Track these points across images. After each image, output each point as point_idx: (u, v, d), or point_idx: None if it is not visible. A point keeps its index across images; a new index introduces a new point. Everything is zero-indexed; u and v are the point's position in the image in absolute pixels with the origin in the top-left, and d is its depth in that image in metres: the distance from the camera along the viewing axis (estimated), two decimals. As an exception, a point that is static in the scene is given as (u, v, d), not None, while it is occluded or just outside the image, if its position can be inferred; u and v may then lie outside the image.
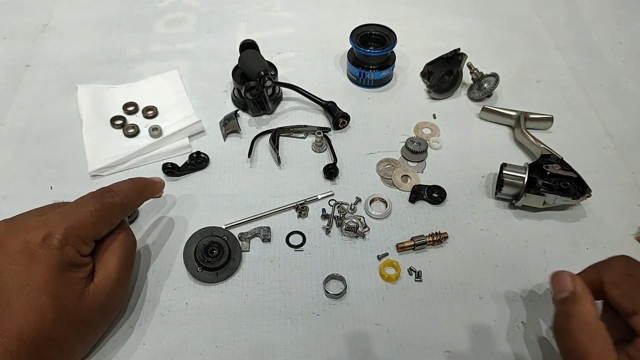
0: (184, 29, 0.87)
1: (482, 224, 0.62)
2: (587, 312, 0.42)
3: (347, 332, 0.53)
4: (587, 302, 0.43)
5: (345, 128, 0.72)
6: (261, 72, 0.68)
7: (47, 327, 0.44)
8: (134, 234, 0.54)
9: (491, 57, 0.82)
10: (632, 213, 0.63)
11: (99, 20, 0.88)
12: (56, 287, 0.44)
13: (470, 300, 0.55)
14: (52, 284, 0.44)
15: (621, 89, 0.78)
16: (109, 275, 0.49)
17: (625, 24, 0.89)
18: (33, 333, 0.43)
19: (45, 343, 0.44)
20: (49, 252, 0.45)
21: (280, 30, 0.87)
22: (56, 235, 0.45)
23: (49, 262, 0.44)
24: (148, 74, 0.79)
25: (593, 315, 0.42)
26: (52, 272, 0.44)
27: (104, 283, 0.48)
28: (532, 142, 0.67)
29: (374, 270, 0.57)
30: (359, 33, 0.76)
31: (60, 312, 0.44)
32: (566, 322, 0.43)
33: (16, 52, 0.82)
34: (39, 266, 0.44)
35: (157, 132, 0.67)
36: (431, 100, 0.76)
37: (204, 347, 0.52)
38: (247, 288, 0.56)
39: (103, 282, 0.48)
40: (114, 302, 0.50)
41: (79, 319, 0.46)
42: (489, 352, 0.52)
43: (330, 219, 0.61)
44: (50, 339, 0.44)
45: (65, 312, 0.45)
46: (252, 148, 0.69)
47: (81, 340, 0.48)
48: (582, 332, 0.41)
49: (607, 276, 0.44)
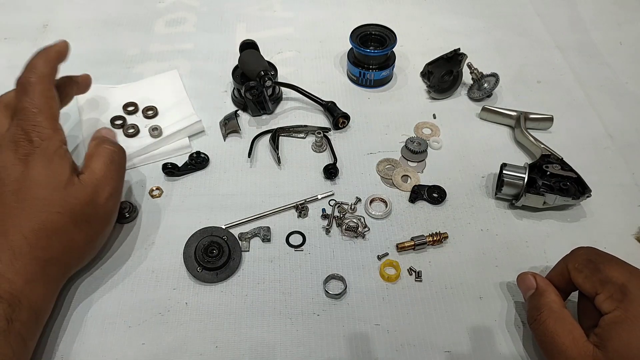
0: (184, 29, 0.87)
1: (482, 224, 0.62)
2: (551, 302, 0.48)
3: (347, 332, 0.53)
4: (551, 293, 0.49)
5: (345, 128, 0.72)
6: (261, 72, 0.68)
7: (41, 216, 0.48)
8: (121, 147, 0.58)
9: (491, 57, 0.82)
10: (632, 213, 0.63)
11: (99, 20, 0.88)
12: (46, 178, 0.49)
13: (470, 300, 0.55)
14: (43, 176, 0.49)
15: (621, 90, 0.78)
16: (94, 173, 0.53)
17: (625, 24, 0.89)
18: (30, 224, 0.47)
19: (42, 233, 0.47)
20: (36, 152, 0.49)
21: (280, 30, 0.87)
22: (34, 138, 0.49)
23: (38, 158, 0.49)
24: (148, 74, 0.79)
25: (557, 304, 0.48)
26: (42, 165, 0.49)
27: (89, 178, 0.52)
28: (532, 142, 0.67)
29: (374, 270, 0.57)
30: (359, 33, 0.76)
31: (50, 200, 0.48)
32: (536, 314, 0.48)
33: (16, 52, 0.82)
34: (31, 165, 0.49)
35: (157, 132, 0.67)
36: (431, 100, 0.76)
37: (203, 347, 0.52)
38: (247, 288, 0.56)
39: (88, 177, 0.52)
40: (102, 199, 0.53)
41: (69, 207, 0.49)
42: (489, 352, 0.52)
43: (330, 219, 0.61)
44: (46, 228, 0.48)
45: (55, 200, 0.49)
46: (252, 148, 0.69)
47: (80, 233, 0.51)
48: (550, 319, 0.47)
49: (571, 264, 0.49)
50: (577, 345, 0.44)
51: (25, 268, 0.46)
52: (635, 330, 0.42)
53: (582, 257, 0.48)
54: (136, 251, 0.59)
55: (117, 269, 0.57)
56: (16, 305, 0.44)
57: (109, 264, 0.57)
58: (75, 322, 0.53)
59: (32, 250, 0.47)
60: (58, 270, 0.50)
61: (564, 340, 0.45)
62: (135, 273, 0.57)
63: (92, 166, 0.54)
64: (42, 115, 0.51)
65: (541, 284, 0.51)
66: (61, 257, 0.50)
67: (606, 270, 0.45)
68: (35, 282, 0.47)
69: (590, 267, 0.47)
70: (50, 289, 0.49)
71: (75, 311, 0.54)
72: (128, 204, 0.61)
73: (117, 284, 0.56)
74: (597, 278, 0.46)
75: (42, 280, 0.47)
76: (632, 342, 0.42)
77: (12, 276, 0.45)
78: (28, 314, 0.45)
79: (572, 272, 0.48)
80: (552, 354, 0.46)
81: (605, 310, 0.44)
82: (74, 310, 0.54)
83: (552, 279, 0.52)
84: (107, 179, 0.54)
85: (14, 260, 0.46)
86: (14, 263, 0.46)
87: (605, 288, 0.45)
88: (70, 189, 0.50)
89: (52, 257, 0.48)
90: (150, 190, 0.64)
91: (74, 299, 0.54)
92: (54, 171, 0.50)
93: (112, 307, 0.54)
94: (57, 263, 0.49)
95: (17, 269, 0.46)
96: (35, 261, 0.47)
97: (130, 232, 0.60)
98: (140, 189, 0.64)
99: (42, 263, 0.47)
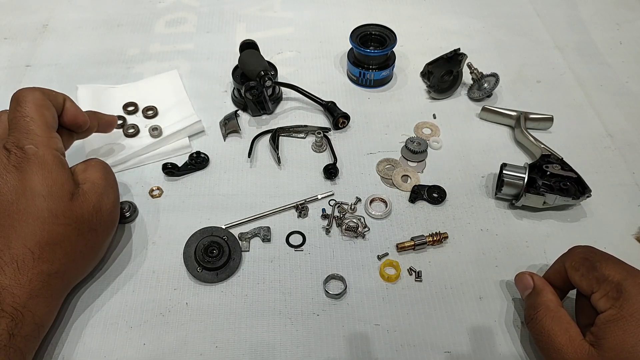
0: (184, 29, 0.87)
1: (482, 224, 0.62)
2: (548, 301, 0.49)
3: (347, 332, 0.53)
4: (548, 292, 0.50)
5: (345, 128, 0.72)
6: (261, 72, 0.68)
7: (46, 228, 0.47)
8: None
9: (491, 57, 0.82)
10: (632, 213, 0.63)
11: (99, 20, 0.88)
12: (48, 188, 0.48)
13: (470, 300, 0.55)
14: (44, 185, 0.48)
15: (621, 89, 0.78)
16: (95, 182, 0.53)
17: (625, 24, 0.89)
18: (34, 237, 0.46)
19: (48, 246, 0.47)
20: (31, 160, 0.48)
21: (280, 30, 0.87)
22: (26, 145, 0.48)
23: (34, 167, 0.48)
24: (148, 74, 0.79)
25: (554, 303, 0.49)
26: (41, 174, 0.48)
27: (91, 187, 0.52)
28: (532, 142, 0.67)
29: (374, 270, 0.57)
30: (359, 33, 0.76)
31: (55, 211, 0.48)
32: (533, 312, 0.49)
33: (16, 52, 0.82)
34: (28, 175, 0.48)
35: (157, 132, 0.67)
36: (431, 100, 0.76)
37: (204, 347, 0.52)
38: (247, 288, 0.56)
39: (90, 187, 0.52)
40: (107, 206, 0.53)
41: (75, 218, 0.49)
42: (489, 352, 0.52)
43: (330, 219, 0.61)
44: (51, 241, 0.47)
45: (60, 211, 0.48)
46: (252, 148, 0.69)
47: (85, 242, 0.51)
48: (546, 317, 0.47)
49: (568, 262, 0.49)
50: (573, 344, 0.45)
51: (29, 282, 0.46)
52: (629, 329, 0.42)
53: (578, 255, 0.49)
54: (136, 251, 0.59)
55: (118, 270, 0.57)
56: (19, 320, 0.44)
57: (109, 265, 0.57)
58: (77, 323, 0.53)
59: (37, 264, 0.46)
60: (62, 283, 0.50)
61: (560, 339, 0.45)
62: (136, 273, 0.57)
63: (91, 177, 0.53)
64: (35, 124, 0.49)
65: (538, 283, 0.51)
66: (65, 269, 0.49)
67: (602, 269, 0.46)
68: (39, 297, 0.46)
69: (587, 265, 0.47)
70: (54, 303, 0.49)
71: (77, 312, 0.54)
72: (128, 204, 0.61)
73: (118, 284, 0.56)
74: (593, 276, 0.46)
75: (46, 294, 0.47)
76: (626, 340, 0.42)
77: (17, 290, 0.45)
78: (30, 328, 0.45)
79: (569, 270, 0.49)
80: (549, 353, 0.46)
81: (601, 308, 0.45)
82: (75, 311, 0.54)
83: (549, 277, 0.52)
84: (108, 187, 0.54)
85: (19, 274, 0.45)
86: (19, 277, 0.45)
87: (601, 286, 0.45)
88: (77, 200, 0.50)
89: (57, 270, 0.48)
90: (150, 190, 0.64)
91: (75, 300, 0.54)
92: (56, 181, 0.49)
93: (113, 308, 0.54)
94: (62, 276, 0.49)
95: (22, 283, 0.45)
96: (40, 275, 0.46)
97: (131, 232, 0.60)
98: (140, 189, 0.64)
99: (46, 277, 0.47)
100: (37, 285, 0.46)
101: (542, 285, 0.51)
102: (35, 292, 0.46)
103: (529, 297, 0.51)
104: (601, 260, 0.47)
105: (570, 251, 0.51)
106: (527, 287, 0.52)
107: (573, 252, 0.50)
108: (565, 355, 0.44)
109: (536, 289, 0.51)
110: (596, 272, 0.46)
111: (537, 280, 0.52)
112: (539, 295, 0.50)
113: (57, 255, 0.48)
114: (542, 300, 0.49)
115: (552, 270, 0.52)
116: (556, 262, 0.52)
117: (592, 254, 0.48)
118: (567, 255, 0.51)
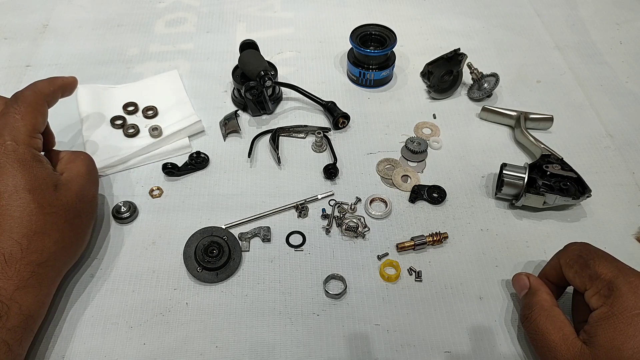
0: (184, 29, 0.87)
1: (482, 224, 0.62)
2: (543, 300, 0.49)
3: (347, 332, 0.53)
4: (543, 292, 0.50)
5: (345, 128, 0.72)
6: (261, 72, 0.68)
7: (33, 219, 0.48)
8: None
9: (491, 57, 0.82)
10: (632, 213, 0.63)
11: (99, 20, 0.88)
12: (30, 182, 0.49)
13: (470, 300, 0.55)
14: (26, 180, 0.49)
15: (621, 89, 0.78)
16: (79, 174, 0.55)
17: (625, 24, 0.89)
18: (22, 229, 0.47)
19: (36, 236, 0.48)
20: (10, 156, 0.49)
21: (280, 30, 0.87)
22: (7, 141, 0.50)
23: (14, 163, 0.49)
24: (148, 74, 0.79)
25: (548, 302, 0.49)
26: (21, 170, 0.49)
27: (75, 177, 0.54)
28: (532, 142, 0.67)
29: (374, 270, 0.57)
30: (359, 33, 0.76)
31: (41, 202, 0.49)
32: (528, 312, 0.49)
33: (16, 52, 0.82)
34: (8, 170, 0.49)
35: (157, 132, 0.67)
36: (431, 100, 0.76)
37: (204, 347, 0.52)
38: (247, 288, 0.56)
39: (75, 176, 0.54)
40: (89, 195, 0.55)
41: (61, 206, 0.51)
42: (489, 352, 0.52)
43: (330, 219, 0.61)
44: (39, 231, 0.48)
45: (45, 201, 0.49)
46: (252, 148, 0.69)
47: (71, 228, 0.52)
48: (541, 316, 0.48)
49: (563, 259, 0.50)
50: (566, 342, 0.45)
51: (17, 274, 0.46)
52: (619, 327, 0.42)
53: (573, 252, 0.49)
54: (136, 251, 0.59)
55: (119, 270, 0.57)
56: (4, 312, 0.44)
57: (110, 265, 0.57)
58: (77, 323, 0.53)
59: (26, 255, 0.47)
60: (53, 272, 0.50)
61: (554, 337, 0.46)
62: (136, 273, 0.57)
63: (76, 168, 0.55)
64: (23, 122, 0.51)
65: (534, 283, 0.52)
66: (55, 257, 0.50)
67: (595, 266, 0.46)
68: (27, 288, 0.46)
69: (580, 262, 0.47)
70: (45, 292, 0.49)
71: (77, 312, 0.54)
72: (128, 204, 0.61)
73: (119, 284, 0.56)
74: (586, 274, 0.46)
75: (35, 284, 0.47)
76: (616, 338, 0.42)
77: (3, 283, 0.45)
78: (17, 320, 0.45)
79: (563, 267, 0.49)
80: (543, 351, 0.47)
81: (594, 306, 0.45)
82: (75, 310, 0.54)
83: (546, 274, 0.53)
84: (90, 182, 0.56)
85: (6, 267, 0.46)
86: (6, 270, 0.46)
87: (593, 284, 0.46)
88: (60, 189, 0.51)
89: (47, 259, 0.48)
90: (150, 190, 0.64)
91: (76, 300, 0.54)
92: (37, 176, 0.50)
93: (113, 308, 0.54)
94: (52, 264, 0.49)
95: (9, 275, 0.46)
96: (29, 266, 0.47)
97: (131, 232, 0.60)
98: (140, 189, 0.64)
99: (35, 267, 0.47)
100: (25, 276, 0.46)
101: (537, 286, 0.51)
102: (23, 283, 0.46)
103: (525, 297, 0.52)
104: (594, 257, 0.47)
105: (566, 248, 0.51)
106: (523, 287, 0.52)
107: (568, 249, 0.50)
108: (558, 353, 0.45)
109: (532, 289, 0.51)
110: (589, 269, 0.46)
111: (533, 280, 0.52)
112: (534, 295, 0.50)
113: (47, 244, 0.49)
114: (536, 300, 0.50)
115: (549, 266, 0.53)
116: (552, 258, 0.52)
117: (586, 251, 0.48)
118: (562, 252, 0.51)
